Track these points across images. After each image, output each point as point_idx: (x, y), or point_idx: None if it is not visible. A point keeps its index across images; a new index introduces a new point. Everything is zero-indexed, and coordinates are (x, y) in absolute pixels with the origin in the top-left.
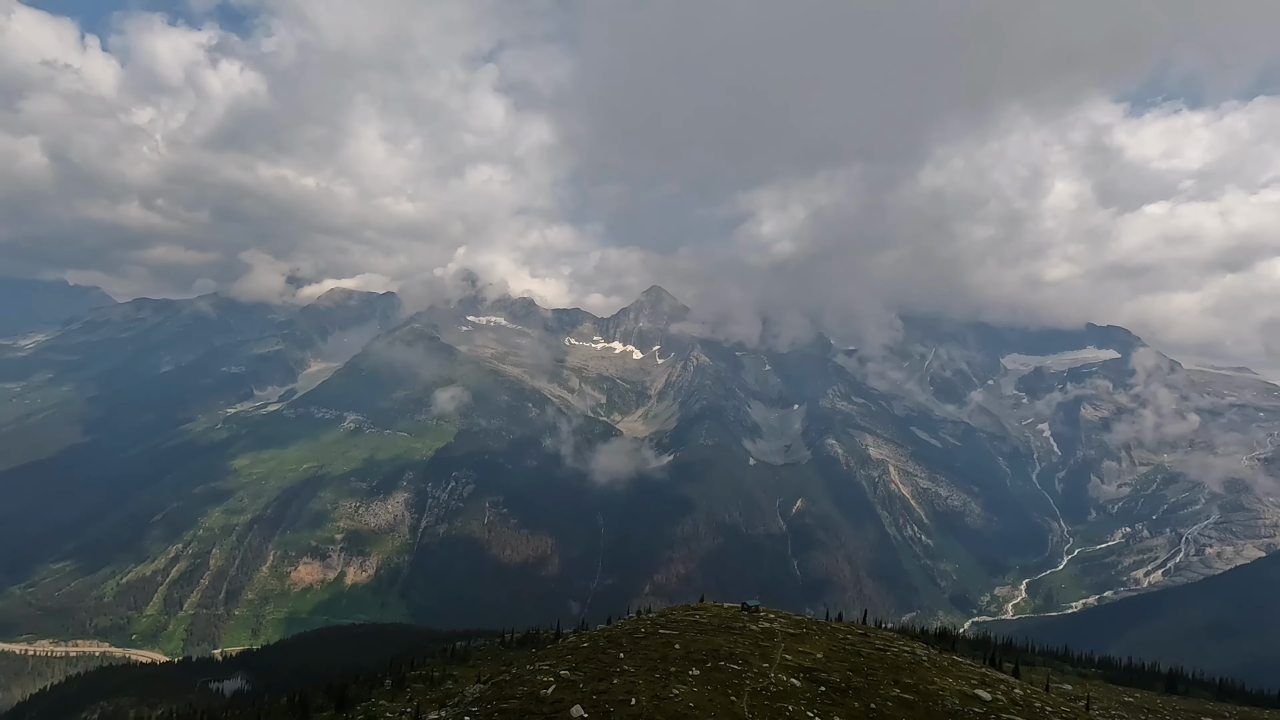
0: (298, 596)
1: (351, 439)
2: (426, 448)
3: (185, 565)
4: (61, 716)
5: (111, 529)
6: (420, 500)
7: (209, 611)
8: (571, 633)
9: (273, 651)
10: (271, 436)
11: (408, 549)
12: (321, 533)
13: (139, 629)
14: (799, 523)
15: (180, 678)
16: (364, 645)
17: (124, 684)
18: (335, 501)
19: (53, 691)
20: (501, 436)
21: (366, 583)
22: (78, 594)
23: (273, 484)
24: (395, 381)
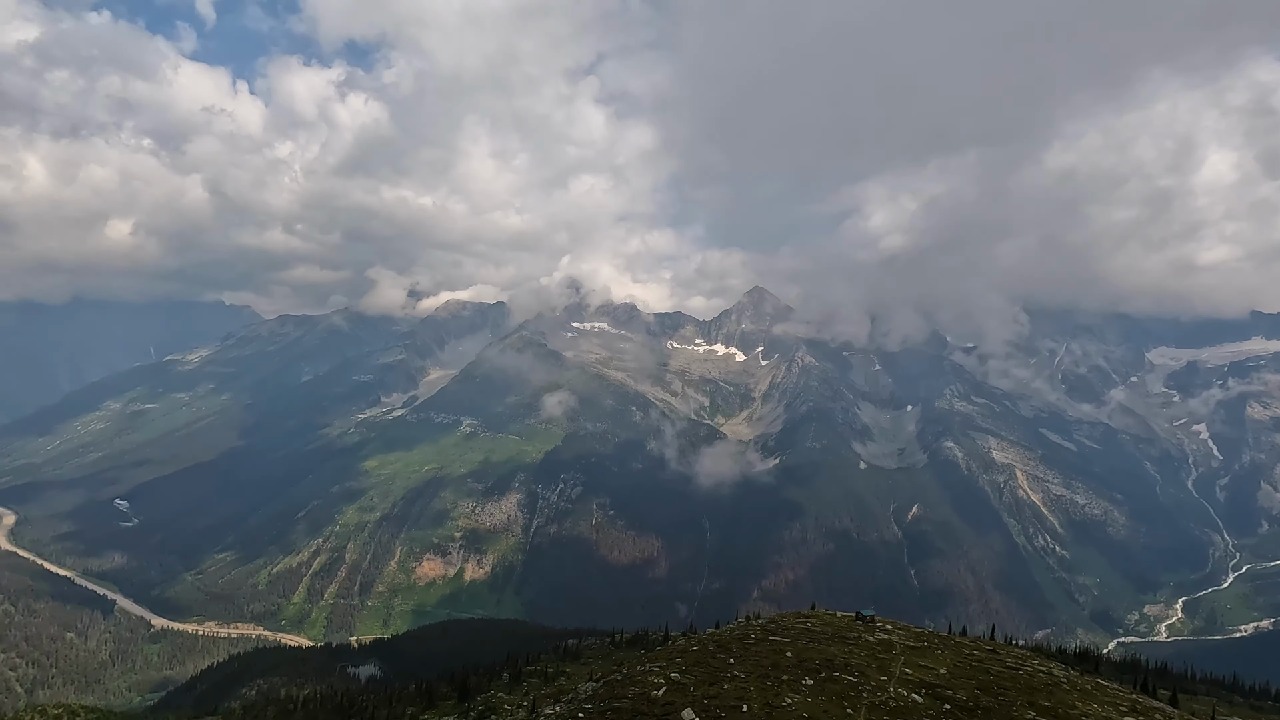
0: (422, 590)
1: (468, 442)
2: (536, 450)
3: (325, 558)
4: (226, 691)
5: (264, 523)
6: (531, 501)
7: (345, 602)
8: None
9: (401, 641)
10: (397, 440)
11: (521, 548)
12: (442, 531)
13: (287, 615)
14: (915, 529)
15: (322, 662)
16: (482, 639)
17: (276, 664)
18: (454, 501)
19: (218, 669)
20: (607, 439)
21: (483, 579)
22: (237, 581)
23: (398, 484)
24: (506, 387)
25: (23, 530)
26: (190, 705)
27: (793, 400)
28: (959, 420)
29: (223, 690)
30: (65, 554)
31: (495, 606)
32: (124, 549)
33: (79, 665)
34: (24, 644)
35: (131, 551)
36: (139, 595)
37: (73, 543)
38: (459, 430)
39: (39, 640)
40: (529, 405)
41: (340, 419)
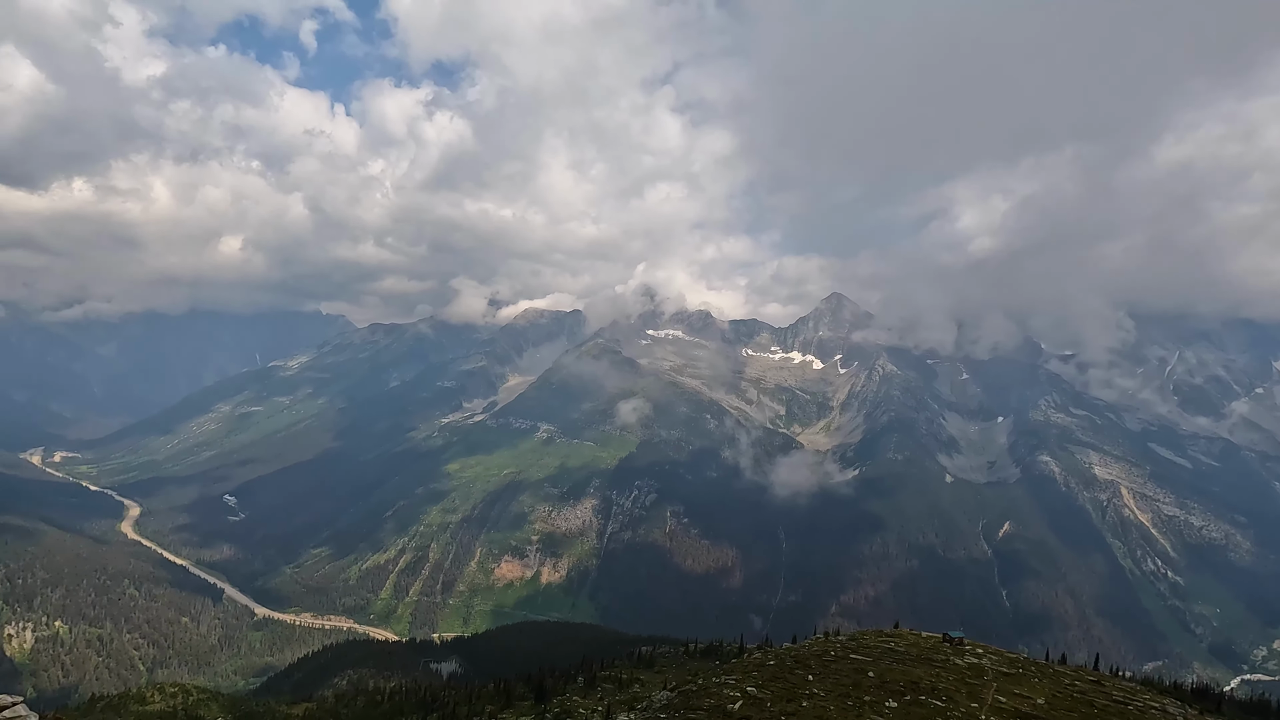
0: (501, 591)
1: (545, 447)
2: (611, 457)
3: (410, 557)
4: (320, 678)
5: (355, 521)
6: (606, 507)
7: (429, 599)
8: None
9: (481, 640)
10: (477, 444)
11: (595, 553)
12: (520, 534)
13: (375, 610)
14: (1007, 548)
15: (407, 656)
16: (558, 641)
17: (365, 657)
18: (532, 505)
19: (313, 658)
20: (681, 447)
21: (559, 582)
22: (330, 575)
23: (479, 487)
24: (582, 394)
25: (146, 521)
26: (289, 691)
27: (873, 410)
28: (1056, 433)
29: (317, 678)
30: (181, 544)
31: (570, 610)
32: (232, 541)
33: (192, 648)
34: (146, 625)
35: (238, 544)
36: (244, 585)
37: (188, 534)
38: (536, 436)
39: (158, 623)
40: (604, 412)
41: (425, 423)
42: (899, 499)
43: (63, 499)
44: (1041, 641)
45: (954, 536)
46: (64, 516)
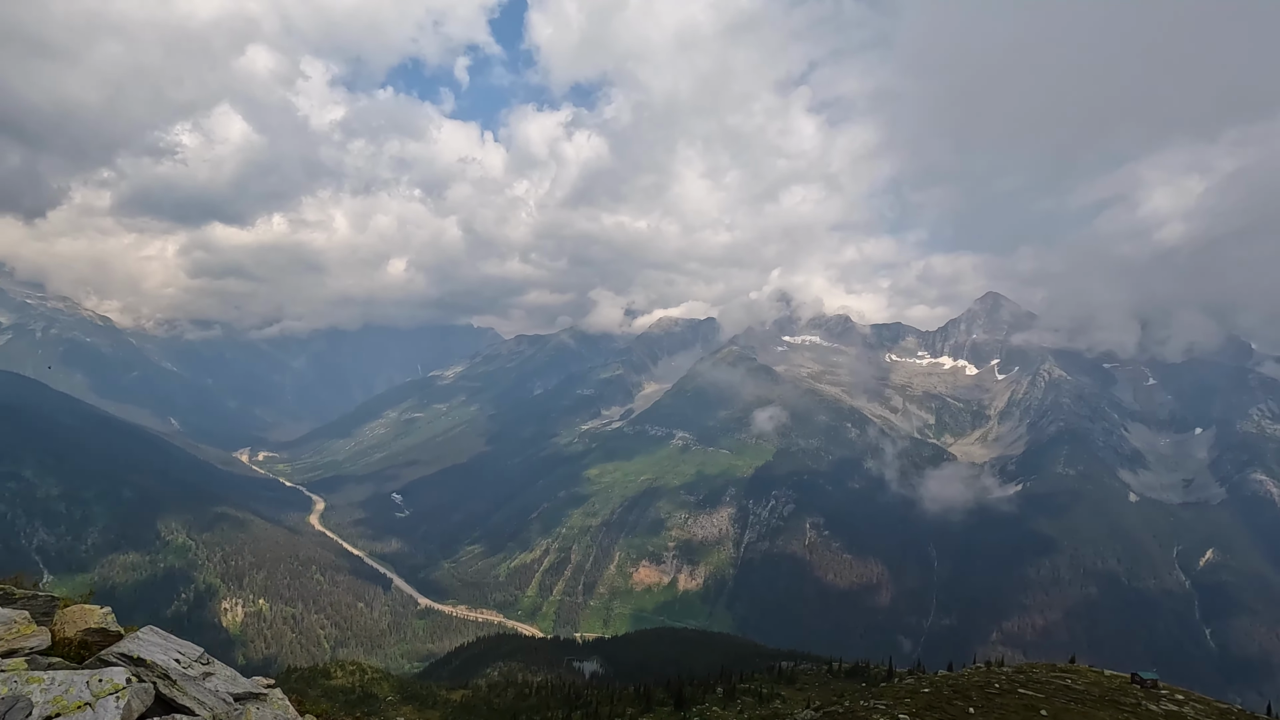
0: (639, 595)
1: (681, 455)
2: (747, 465)
3: (554, 558)
4: (475, 667)
5: (504, 521)
6: (743, 516)
7: (571, 599)
8: (907, 673)
9: (620, 643)
10: (615, 450)
11: (732, 562)
12: (657, 540)
13: (522, 606)
14: (1211, 579)
15: (552, 653)
16: (695, 649)
17: (514, 650)
18: (668, 512)
19: (468, 648)
20: (820, 457)
21: (696, 590)
22: (483, 571)
23: (617, 492)
24: (717, 401)
25: (329, 515)
26: (447, 677)
27: (1038, 419)
28: (1274, 448)
29: (472, 667)
30: (358, 537)
31: (707, 618)
32: (398, 536)
33: (366, 630)
34: (329, 608)
35: (404, 538)
36: (409, 576)
37: (363, 528)
38: (672, 443)
39: (339, 607)
40: (740, 420)
41: (566, 429)
42: (1072, 518)
43: (265, 493)
44: (1259, 692)
45: (1141, 563)
46: (266, 508)
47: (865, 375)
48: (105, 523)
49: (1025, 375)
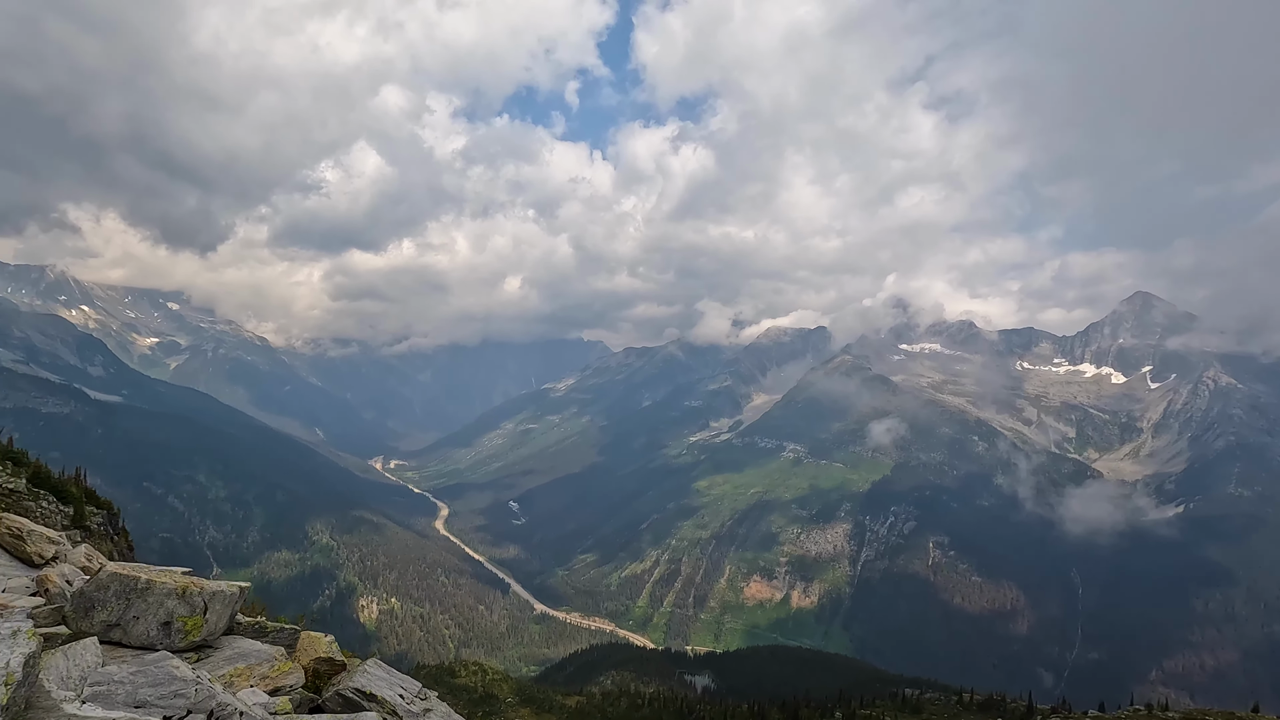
0: (750, 610)
1: (793, 468)
2: (862, 480)
3: (664, 569)
4: (588, 674)
5: (615, 531)
6: (859, 533)
7: (681, 611)
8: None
9: (732, 658)
10: (724, 462)
11: (849, 580)
12: (769, 554)
13: (633, 616)
14: None
15: (663, 665)
16: (810, 669)
17: (626, 660)
18: (780, 526)
19: (582, 655)
20: (944, 472)
21: (810, 608)
22: (595, 580)
23: (727, 505)
24: (830, 413)
25: (453, 521)
26: (563, 682)
27: (1202, 432)
28: None
29: (585, 674)
30: (478, 542)
31: (822, 638)
32: (516, 542)
33: (486, 633)
34: (453, 609)
35: (521, 545)
36: (525, 582)
37: (483, 534)
38: (783, 455)
39: (462, 608)
40: (854, 432)
41: (674, 441)
42: (1250, 545)
43: (397, 498)
44: None
45: None
46: (398, 513)
47: (994, 385)
48: (263, 522)
49: (1185, 383)
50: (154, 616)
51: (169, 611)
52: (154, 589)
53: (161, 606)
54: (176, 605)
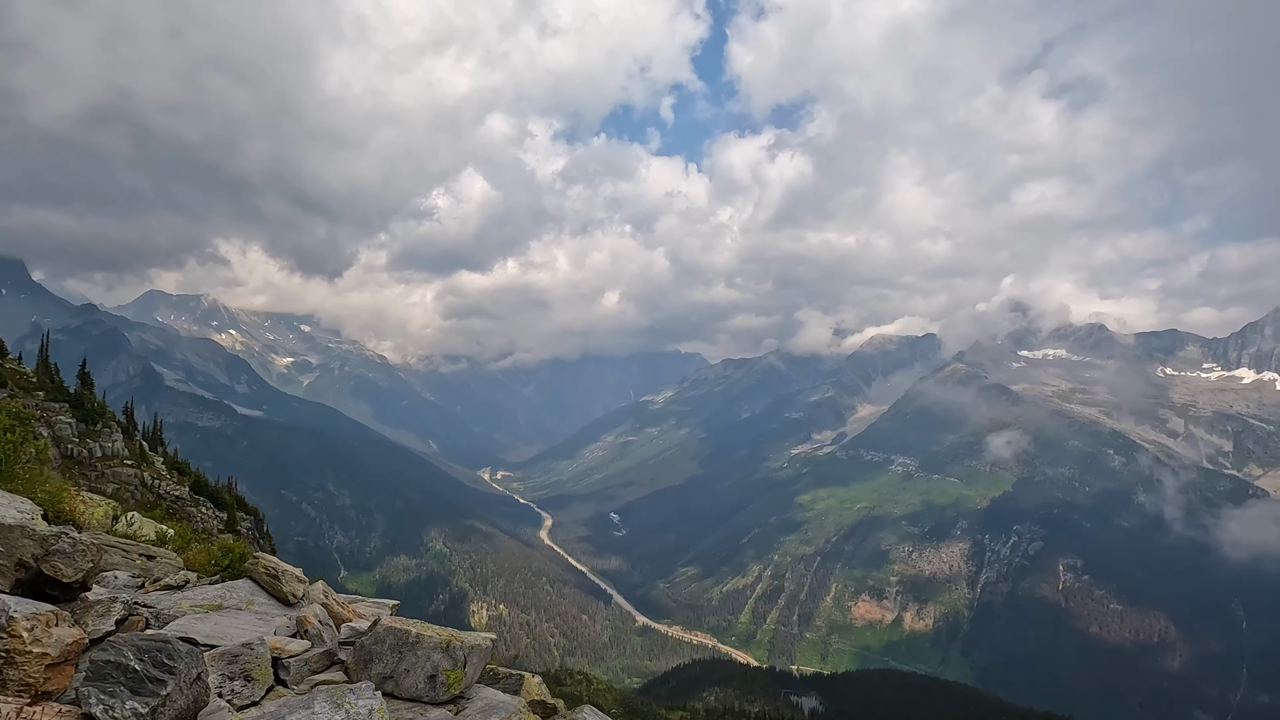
0: (859, 631)
1: (903, 482)
2: (980, 496)
3: (766, 585)
4: (691, 689)
5: (716, 544)
6: (978, 552)
7: (786, 629)
8: None
9: (840, 681)
10: (828, 476)
11: (968, 603)
12: (879, 573)
13: (736, 632)
14: None
15: (768, 684)
16: (927, 697)
17: (729, 677)
18: (889, 544)
19: (684, 669)
20: (1074, 488)
21: (925, 631)
22: (696, 594)
23: (831, 520)
24: (943, 424)
25: (556, 531)
26: (665, 696)
27: None
28: None
29: (688, 689)
30: (581, 552)
31: (939, 664)
32: (617, 554)
33: (589, 642)
34: (558, 617)
35: (622, 557)
36: (627, 594)
37: (586, 545)
38: (891, 469)
39: (566, 617)
40: (970, 445)
41: (775, 454)
42: None
43: (503, 508)
44: None
45: None
46: (505, 522)
47: (1131, 393)
48: (383, 529)
49: None
50: (422, 670)
51: (435, 665)
52: (423, 643)
53: (429, 660)
54: (441, 659)
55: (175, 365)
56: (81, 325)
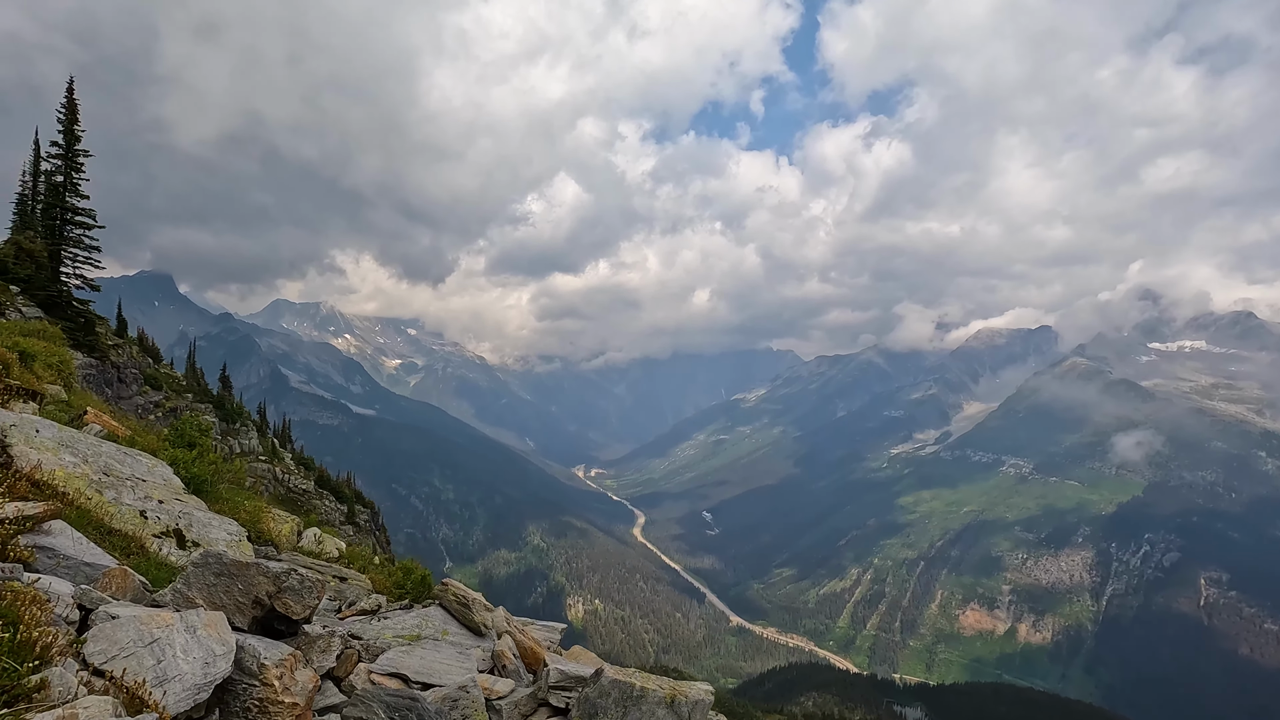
0: (967, 641)
1: (1013, 485)
2: (1104, 501)
3: (866, 589)
4: (787, 693)
5: (812, 546)
6: (1104, 562)
7: (887, 636)
8: None
9: (948, 693)
10: (931, 477)
11: (1092, 617)
12: (988, 581)
13: (834, 636)
14: None
15: (869, 692)
16: (1045, 716)
17: (828, 683)
18: (1000, 550)
19: (780, 672)
20: (1217, 494)
21: (1043, 645)
22: (792, 595)
23: (935, 524)
24: (1059, 423)
25: (649, 529)
26: (761, 699)
27: None
28: None
29: (784, 692)
30: (674, 551)
31: (1059, 681)
32: (710, 553)
33: (683, 641)
34: (651, 614)
35: (715, 556)
36: (721, 593)
37: (680, 543)
38: (1001, 471)
39: (659, 614)
40: (1093, 445)
41: (873, 453)
42: None
43: (598, 505)
44: None
45: None
46: (599, 519)
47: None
48: (484, 522)
49: None
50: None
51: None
52: (648, 697)
53: (653, 715)
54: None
55: (299, 368)
56: (219, 332)
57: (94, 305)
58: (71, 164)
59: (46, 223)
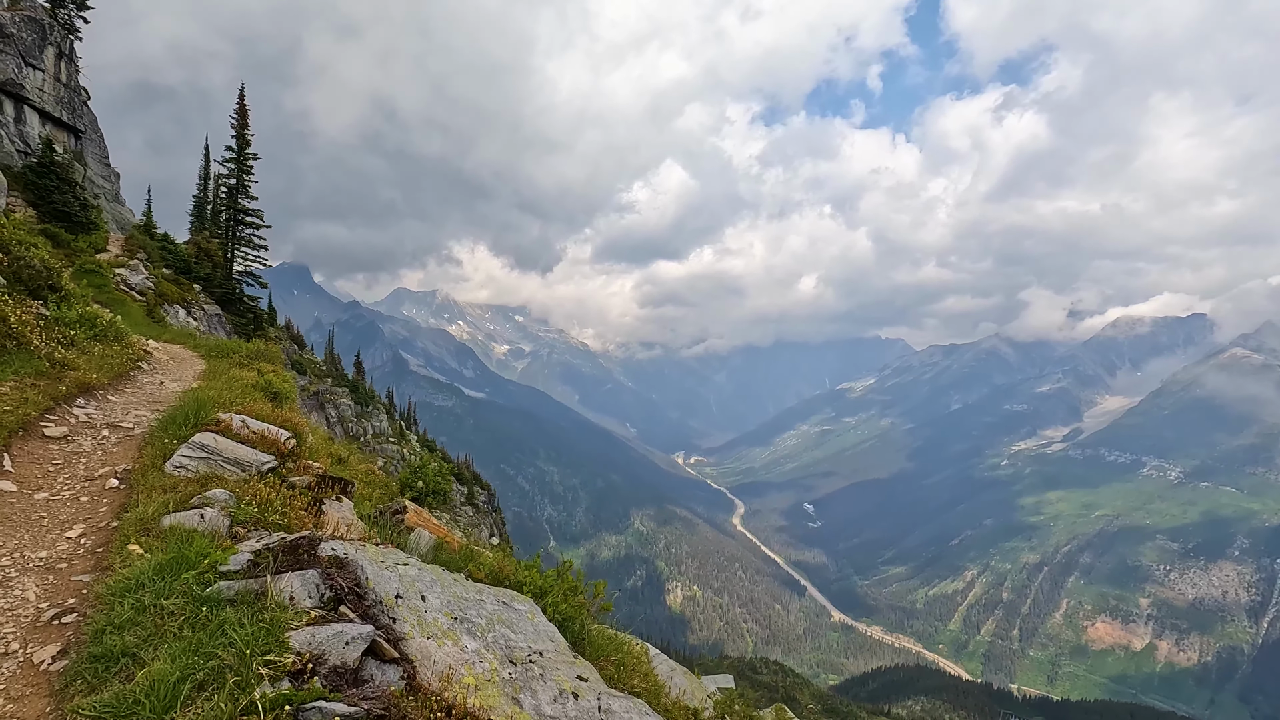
0: (1096, 656)
1: (1156, 488)
2: (1268, 511)
3: (980, 592)
4: (893, 693)
5: (921, 544)
6: (1266, 579)
7: (1003, 643)
8: None
9: (1074, 710)
10: (1058, 477)
11: (1248, 639)
12: (1122, 593)
13: (944, 639)
14: None
15: (984, 701)
16: None
17: (938, 688)
18: (1138, 560)
19: (886, 673)
20: None
21: (1187, 666)
22: (899, 595)
23: (1061, 528)
24: (1216, 422)
25: (748, 519)
26: (865, 698)
27: None
28: None
29: (890, 693)
30: (775, 542)
31: (1206, 706)
32: (812, 545)
33: (783, 633)
34: (750, 604)
35: (817, 549)
36: (822, 588)
37: (782, 535)
38: (1141, 473)
39: (759, 605)
40: (1258, 449)
41: (991, 449)
42: None
43: (697, 493)
44: None
45: None
46: (699, 507)
47: None
48: (587, 505)
49: None
50: None
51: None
52: None
53: None
54: None
55: (417, 353)
56: (348, 319)
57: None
58: (243, 167)
59: (221, 223)
